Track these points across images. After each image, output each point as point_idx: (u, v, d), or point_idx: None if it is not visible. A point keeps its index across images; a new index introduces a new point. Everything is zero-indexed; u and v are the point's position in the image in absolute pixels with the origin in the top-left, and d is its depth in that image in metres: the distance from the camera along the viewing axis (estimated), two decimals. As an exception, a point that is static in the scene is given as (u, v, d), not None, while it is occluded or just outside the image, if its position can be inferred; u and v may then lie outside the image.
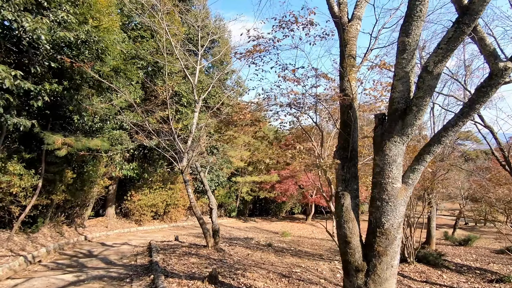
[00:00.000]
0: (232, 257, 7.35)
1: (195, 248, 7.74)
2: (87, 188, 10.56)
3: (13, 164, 6.73)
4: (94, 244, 10.00)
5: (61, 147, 7.04)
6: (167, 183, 15.59)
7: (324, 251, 11.25)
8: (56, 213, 10.38)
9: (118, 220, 14.44)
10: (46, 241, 9.15)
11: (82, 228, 11.89)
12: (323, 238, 16.31)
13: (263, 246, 10.67)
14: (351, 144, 3.30)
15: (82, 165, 10.24)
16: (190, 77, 7.94)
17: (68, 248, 9.39)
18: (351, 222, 3.17)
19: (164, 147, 9.27)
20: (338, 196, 3.28)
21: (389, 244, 2.96)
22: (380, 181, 3.04)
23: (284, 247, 11.34)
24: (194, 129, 7.65)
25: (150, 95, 11.78)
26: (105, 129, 8.61)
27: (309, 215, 26.15)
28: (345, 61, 3.62)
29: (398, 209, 2.98)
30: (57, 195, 9.16)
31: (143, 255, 7.38)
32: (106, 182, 12.19)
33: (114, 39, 7.31)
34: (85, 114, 7.56)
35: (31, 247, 8.15)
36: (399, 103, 3.01)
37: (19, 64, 5.68)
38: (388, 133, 3.04)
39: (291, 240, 14.00)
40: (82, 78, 7.11)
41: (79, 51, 6.57)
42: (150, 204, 14.61)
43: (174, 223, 16.62)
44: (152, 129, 7.73)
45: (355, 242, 3.11)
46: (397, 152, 2.99)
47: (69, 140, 7.13)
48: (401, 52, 2.99)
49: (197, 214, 7.42)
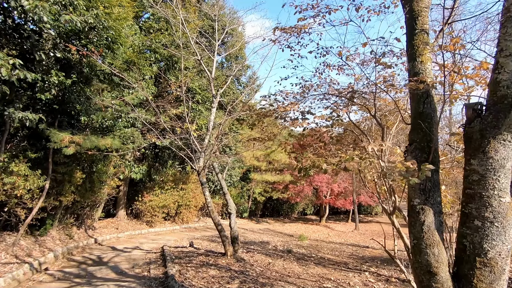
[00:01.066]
0: (253, 267, 6.65)
1: (213, 256, 7.07)
2: (97, 189, 10.05)
3: (17, 164, 6.19)
4: (104, 248, 9.48)
5: (68, 145, 6.47)
6: (179, 183, 15.02)
7: (347, 259, 10.44)
8: (65, 214, 9.90)
9: (129, 222, 13.96)
10: (54, 244, 8.66)
11: (92, 230, 11.42)
12: (342, 242, 15.47)
13: (282, 252, 9.94)
14: (433, 143, 2.53)
15: (91, 165, 9.72)
16: (207, 69, 7.25)
17: (77, 253, 8.88)
18: (436, 246, 2.40)
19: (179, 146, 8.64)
20: (416, 211, 2.52)
21: (495, 279, 2.19)
22: (481, 193, 2.26)
23: (304, 253, 10.59)
24: (211, 127, 6.97)
25: (162, 91, 11.20)
26: (116, 127, 8.02)
27: (323, 217, 25.25)
28: (416, 38, 2.84)
29: (508, 232, 2.20)
30: (66, 196, 8.65)
31: (156, 264, 6.76)
32: (116, 182, 11.68)
33: (127, 26, 6.67)
34: (94, 109, 6.97)
35: (38, 252, 7.65)
36: (509, 88, 2.22)
37: (22, 54, 5.11)
38: (491, 129, 2.26)
39: (309, 245, 13.22)
40: (92, 71, 6.51)
41: (88, 39, 5.96)
42: (162, 205, 14.07)
43: (186, 224, 16.07)
44: (166, 127, 7.09)
45: (443, 274, 2.34)
46: (506, 155, 2.21)
47: (77, 138, 6.55)
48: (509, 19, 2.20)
49: (215, 220, 6.74)
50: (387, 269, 8.58)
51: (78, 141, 6.54)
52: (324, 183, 21.37)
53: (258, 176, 20.89)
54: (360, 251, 12.60)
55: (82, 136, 6.60)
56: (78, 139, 6.38)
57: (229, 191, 20.10)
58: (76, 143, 6.57)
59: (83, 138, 6.61)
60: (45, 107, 6.80)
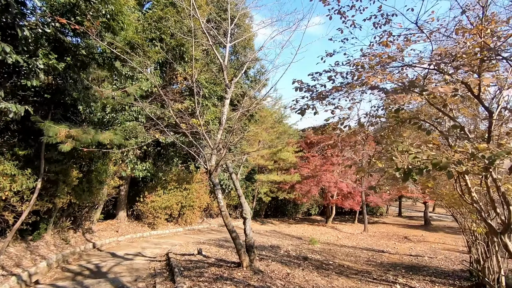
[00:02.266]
0: (273, 281, 5.84)
1: (226, 268, 6.25)
2: (95, 189, 9.22)
3: (1, 162, 5.36)
4: (103, 255, 8.66)
5: (64, 141, 5.63)
6: (183, 183, 14.20)
7: (367, 266, 9.64)
8: (61, 217, 9.07)
9: (129, 224, 13.14)
10: (48, 251, 7.83)
11: (90, 234, 10.59)
12: (354, 246, 14.68)
13: (297, 259, 9.14)
14: None
15: (89, 164, 8.89)
16: (219, 55, 6.41)
17: (73, 260, 8.06)
18: None
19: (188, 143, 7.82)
20: None
21: None
22: None
23: (320, 259, 9.78)
24: (224, 120, 6.14)
25: (167, 84, 10.35)
26: (117, 121, 7.18)
27: (329, 218, 24.46)
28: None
29: None
30: (61, 198, 7.82)
31: (162, 276, 5.94)
32: (116, 182, 10.86)
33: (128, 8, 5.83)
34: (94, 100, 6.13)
35: (29, 261, 6.83)
36: None
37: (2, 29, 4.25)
38: None
39: (321, 249, 12.43)
40: (89, 54, 5.68)
41: (84, 16, 5.11)
42: (165, 206, 13.25)
43: (189, 226, 15.26)
44: (176, 121, 6.26)
45: None
46: None
47: (74, 132, 5.72)
48: None
49: (229, 227, 5.92)
50: (416, 280, 7.78)
51: (76, 135, 5.72)
52: (332, 183, 20.55)
53: (264, 177, 20.08)
54: (377, 256, 11.81)
55: (81, 129, 5.76)
56: (76, 133, 5.55)
57: (233, 191, 19.31)
58: (73, 138, 5.74)
59: (82, 132, 5.77)
60: (36, 96, 5.96)
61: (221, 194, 6.09)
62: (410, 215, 38.11)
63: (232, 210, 20.69)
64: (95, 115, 6.69)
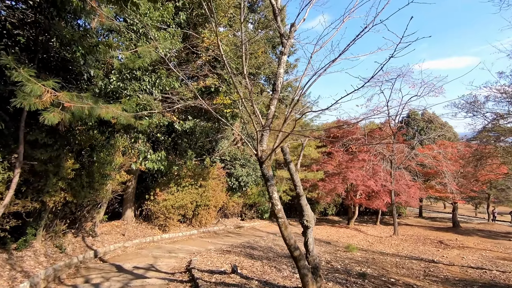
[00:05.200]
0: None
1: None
2: (97, 185, 7.39)
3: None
4: (106, 268, 6.82)
5: (50, 109, 3.75)
6: (198, 179, 12.33)
7: (437, 285, 7.67)
8: (54, 219, 7.25)
9: (137, 225, 11.33)
10: (35, 263, 6.01)
11: (92, 238, 8.79)
12: (395, 253, 12.70)
13: (350, 276, 7.22)
14: None
15: (90, 153, 7.05)
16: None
17: (67, 276, 6.23)
18: None
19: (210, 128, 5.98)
20: None
21: None
22: None
23: (375, 275, 7.85)
24: (280, 85, 4.21)
25: (189, 52, 8.46)
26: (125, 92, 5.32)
27: (352, 219, 22.47)
28: None
29: None
30: (52, 195, 5.98)
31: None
32: (123, 176, 9.02)
33: None
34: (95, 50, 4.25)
35: (6, 280, 5.00)
36: None
37: None
38: None
39: (364, 258, 10.49)
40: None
41: None
42: (178, 206, 11.41)
43: (204, 227, 13.43)
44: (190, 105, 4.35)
45: None
46: None
47: (65, 96, 3.84)
48: None
49: (289, 241, 4.01)
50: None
51: (68, 102, 3.82)
52: (359, 180, 18.53)
53: (284, 173, 18.14)
54: (433, 268, 9.82)
55: (74, 94, 3.89)
56: (66, 97, 3.68)
57: (249, 188, 17.41)
58: (63, 106, 3.85)
59: (77, 98, 3.90)
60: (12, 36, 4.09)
61: (277, 193, 4.17)
62: (430, 216, 35.99)
63: (247, 210, 18.84)
64: (95, 80, 4.83)
